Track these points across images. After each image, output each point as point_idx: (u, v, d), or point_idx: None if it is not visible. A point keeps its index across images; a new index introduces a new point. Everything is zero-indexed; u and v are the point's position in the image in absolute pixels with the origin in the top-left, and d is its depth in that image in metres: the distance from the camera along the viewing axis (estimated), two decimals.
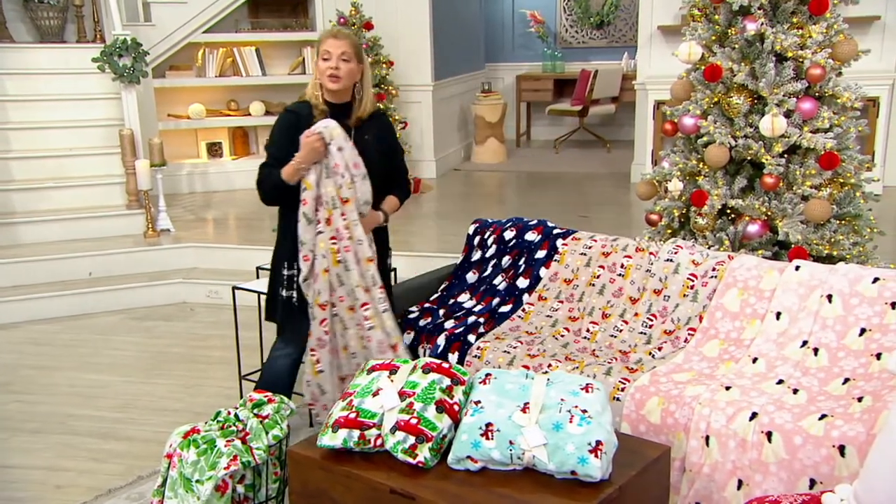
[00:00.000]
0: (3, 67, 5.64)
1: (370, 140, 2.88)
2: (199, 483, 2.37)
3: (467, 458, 2.17)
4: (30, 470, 2.99)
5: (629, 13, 9.01)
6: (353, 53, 2.78)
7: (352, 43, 2.80)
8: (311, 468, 2.31)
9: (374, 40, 6.42)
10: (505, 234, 3.55)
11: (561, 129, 9.14)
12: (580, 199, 6.46)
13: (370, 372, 2.45)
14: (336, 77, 2.75)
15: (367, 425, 2.26)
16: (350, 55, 2.77)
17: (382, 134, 2.97)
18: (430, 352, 3.12)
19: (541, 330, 3.14)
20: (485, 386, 2.32)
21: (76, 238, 5.11)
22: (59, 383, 3.74)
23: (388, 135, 3.01)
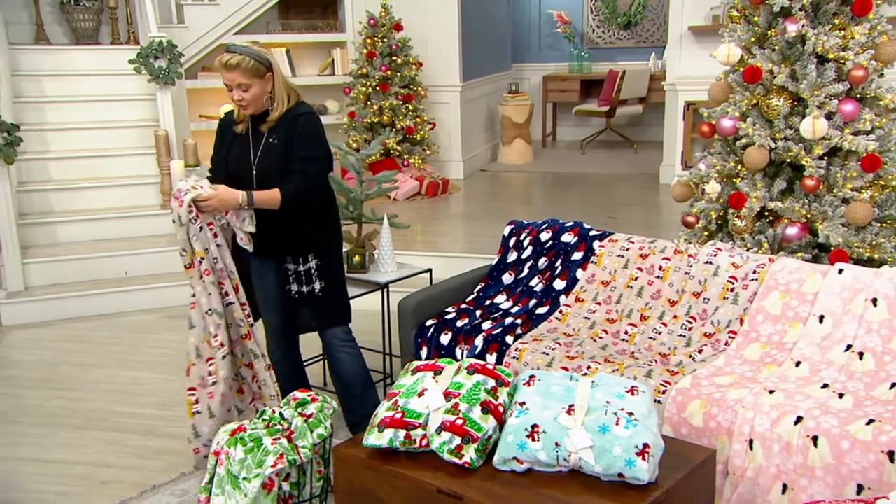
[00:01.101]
0: (40, 69, 5.73)
1: (275, 142, 2.83)
2: (246, 480, 2.41)
3: (513, 460, 2.18)
4: (75, 465, 3.04)
5: (657, 13, 8.97)
6: (250, 76, 2.73)
7: (243, 69, 2.72)
8: (357, 467, 2.33)
9: (404, 41, 6.45)
10: (541, 236, 3.56)
11: (587, 129, 9.11)
12: (608, 200, 6.45)
13: (414, 373, 2.46)
14: (244, 107, 2.81)
15: (412, 425, 2.28)
16: (247, 81, 2.73)
17: (286, 127, 2.83)
18: (468, 353, 3.13)
19: (579, 332, 3.14)
20: (529, 387, 2.33)
21: (111, 237, 5.18)
22: (100, 380, 3.80)
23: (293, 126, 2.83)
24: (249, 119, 2.88)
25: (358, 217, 3.66)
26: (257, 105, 2.80)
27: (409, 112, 6.46)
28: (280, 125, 2.83)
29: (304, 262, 2.95)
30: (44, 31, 6.23)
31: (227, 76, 2.74)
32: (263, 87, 2.77)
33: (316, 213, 2.98)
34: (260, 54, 2.76)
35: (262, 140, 2.85)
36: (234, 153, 2.90)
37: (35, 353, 4.15)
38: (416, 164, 6.56)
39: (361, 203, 3.65)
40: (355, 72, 6.52)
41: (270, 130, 2.85)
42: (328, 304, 3.03)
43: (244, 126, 2.90)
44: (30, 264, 4.75)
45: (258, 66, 2.73)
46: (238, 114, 2.90)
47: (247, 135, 2.90)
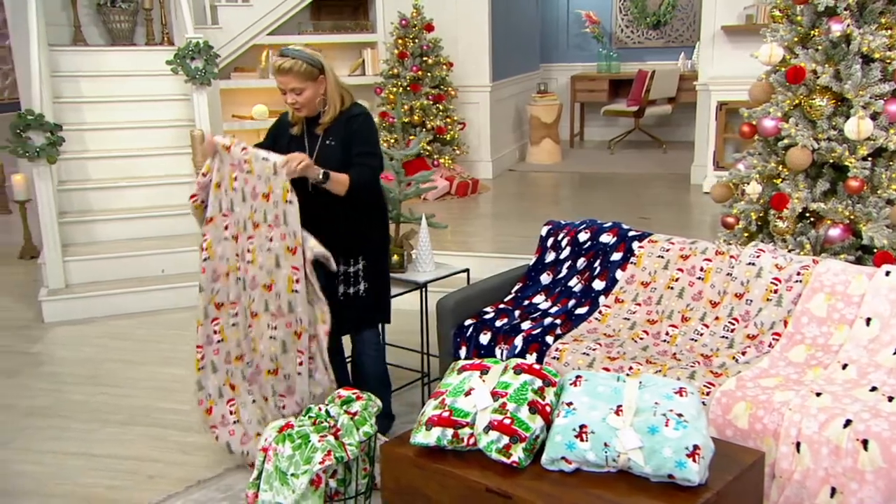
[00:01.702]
0: (79, 70, 5.82)
1: (331, 144, 2.89)
2: (294, 477, 2.44)
3: (562, 459, 2.19)
4: (122, 460, 3.10)
5: (686, 13, 8.91)
6: (303, 79, 2.77)
7: (297, 73, 2.77)
8: (405, 465, 2.36)
9: (435, 42, 6.47)
10: (579, 236, 3.55)
11: (615, 129, 9.08)
12: (638, 201, 6.43)
13: (460, 372, 2.48)
14: (298, 109, 2.86)
15: (460, 424, 2.30)
16: (300, 84, 2.77)
17: (343, 129, 2.89)
18: (508, 352, 3.14)
19: (619, 332, 3.14)
20: (576, 388, 2.34)
21: (148, 236, 5.25)
22: (141, 377, 3.86)
23: (350, 133, 2.89)
24: (305, 121, 2.91)
25: (396, 217, 3.68)
26: (311, 107, 2.85)
27: (440, 112, 6.48)
28: (336, 126, 2.88)
29: (354, 264, 2.98)
30: (81, 33, 6.33)
31: (281, 79, 2.79)
32: (316, 89, 2.81)
33: (368, 214, 3.01)
34: (312, 57, 2.80)
35: (318, 142, 2.90)
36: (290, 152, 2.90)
37: (77, 350, 4.22)
38: (445, 164, 6.58)
39: (400, 203, 3.68)
40: (386, 72, 6.56)
41: (326, 132, 2.90)
42: (368, 305, 3.06)
43: (299, 128, 2.95)
44: (70, 262, 4.83)
45: (311, 70, 2.78)
46: (292, 116, 2.94)
47: (302, 136, 2.94)
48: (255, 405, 2.98)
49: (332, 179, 2.80)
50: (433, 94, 6.46)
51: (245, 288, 2.87)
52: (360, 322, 3.11)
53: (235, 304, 2.95)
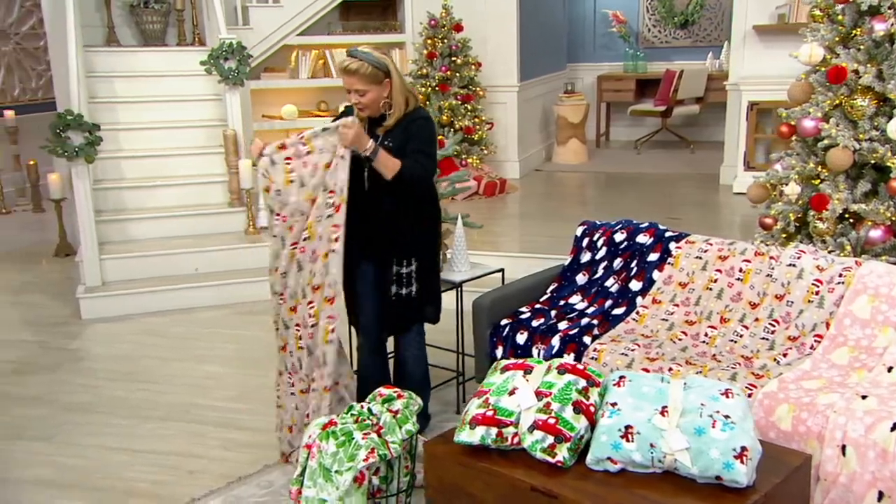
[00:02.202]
0: (113, 70, 5.90)
1: (390, 145, 2.89)
2: (338, 473, 2.46)
3: (607, 460, 2.20)
4: (163, 455, 3.14)
5: (715, 12, 8.85)
6: (367, 82, 2.79)
7: (361, 75, 2.78)
8: (449, 463, 2.37)
9: (464, 42, 6.48)
10: (615, 237, 3.55)
11: (641, 129, 9.04)
12: (667, 201, 6.40)
13: (503, 371, 2.49)
14: (361, 109, 2.88)
15: (504, 423, 2.31)
16: (364, 86, 2.79)
17: (403, 132, 2.90)
18: (545, 352, 3.15)
19: (657, 333, 3.13)
20: (620, 388, 2.34)
21: (180, 235, 5.31)
22: (179, 374, 3.90)
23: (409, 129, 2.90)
24: (367, 121, 2.92)
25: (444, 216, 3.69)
26: (374, 108, 2.86)
27: (468, 112, 6.49)
28: (397, 129, 2.90)
29: (407, 265, 2.99)
30: (114, 34, 6.41)
31: (346, 80, 2.81)
32: (380, 92, 2.82)
33: (421, 215, 3.03)
34: (379, 60, 2.81)
35: (377, 141, 2.89)
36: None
37: (114, 347, 4.28)
38: (473, 163, 6.58)
39: None
40: (415, 72, 6.58)
41: (386, 134, 2.91)
42: (418, 306, 3.08)
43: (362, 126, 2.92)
44: (106, 260, 4.90)
45: (376, 72, 2.79)
46: (357, 114, 2.94)
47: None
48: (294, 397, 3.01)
49: (381, 157, 2.79)
50: (461, 95, 6.47)
51: (301, 268, 2.86)
52: (409, 322, 3.12)
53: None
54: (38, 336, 4.44)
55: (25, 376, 3.91)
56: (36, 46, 7.70)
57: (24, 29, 7.57)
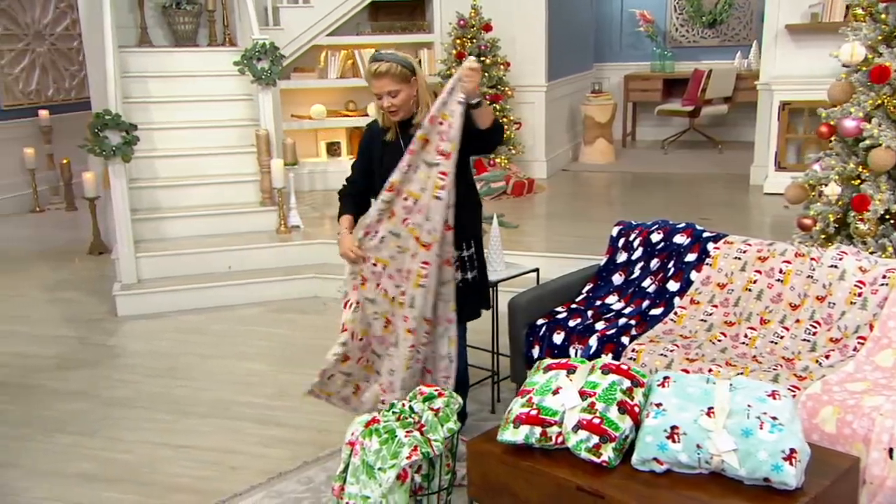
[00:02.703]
0: (146, 70, 5.97)
1: None
2: (381, 471, 2.48)
3: (653, 460, 2.20)
4: (205, 451, 3.18)
5: (743, 11, 8.79)
6: (399, 81, 2.79)
7: (393, 75, 2.79)
8: (493, 462, 2.38)
9: (493, 42, 6.48)
10: (652, 237, 3.54)
11: (667, 129, 9.00)
12: (696, 201, 6.37)
13: (546, 371, 2.50)
14: (394, 112, 2.86)
15: (548, 423, 2.32)
16: (396, 87, 2.79)
17: None
18: (582, 353, 3.15)
19: (696, 334, 3.12)
20: (664, 389, 2.34)
21: (213, 233, 5.36)
22: (217, 370, 3.95)
23: None
24: (398, 126, 2.93)
25: None
26: (406, 109, 2.86)
27: (497, 112, 6.48)
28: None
29: (467, 248, 3.01)
30: (147, 34, 6.50)
31: (377, 84, 2.80)
32: (410, 91, 2.84)
33: (471, 200, 3.04)
34: (405, 59, 2.83)
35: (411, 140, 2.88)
36: (387, 161, 2.92)
37: (151, 343, 4.34)
38: (501, 163, 6.58)
39: None
40: (443, 72, 6.59)
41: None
42: (482, 291, 3.09)
43: (393, 133, 2.95)
44: (141, 258, 4.96)
45: (405, 71, 2.81)
46: (384, 121, 2.95)
47: (397, 141, 2.94)
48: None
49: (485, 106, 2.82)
50: (490, 94, 6.47)
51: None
52: (476, 307, 3.12)
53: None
54: (76, 332, 4.51)
55: (67, 371, 3.97)
56: (69, 47, 7.82)
57: (58, 30, 7.68)
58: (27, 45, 7.40)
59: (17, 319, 4.71)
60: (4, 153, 7.21)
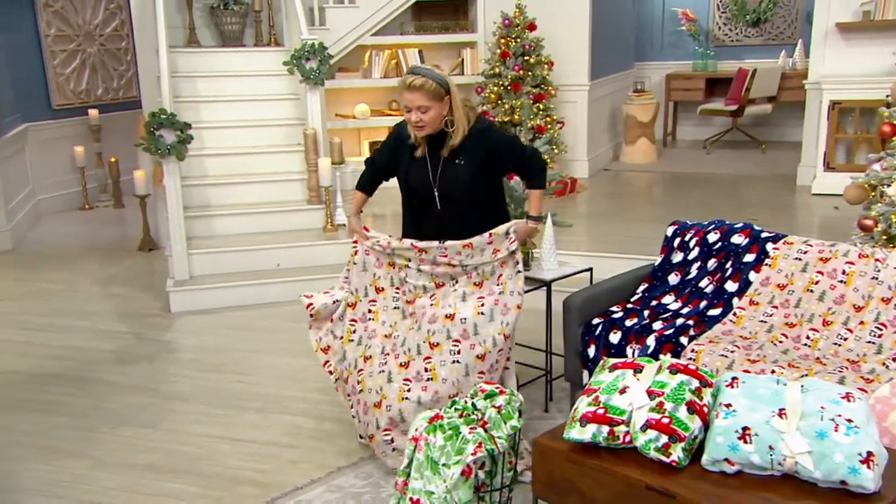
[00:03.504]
0: (194, 70, 6.07)
1: (461, 163, 2.91)
2: (445, 467, 2.50)
3: (724, 461, 2.19)
4: (263, 445, 3.23)
5: (788, 10, 8.66)
6: (430, 98, 2.80)
7: (426, 91, 2.79)
8: (559, 460, 2.39)
9: (537, 41, 6.48)
10: (708, 237, 3.51)
11: (708, 129, 8.90)
12: (742, 201, 6.30)
13: (612, 370, 2.50)
14: (420, 128, 2.87)
15: (616, 422, 2.31)
16: (427, 104, 2.80)
17: (477, 146, 2.92)
18: (640, 352, 3.14)
19: (756, 335, 3.09)
20: (733, 389, 2.32)
21: (262, 231, 5.43)
22: (269, 366, 4.00)
23: (486, 142, 2.93)
24: (426, 143, 2.94)
25: (521, 215, 3.71)
26: (433, 126, 2.87)
27: (540, 111, 6.48)
28: (468, 144, 2.90)
29: None
30: (195, 35, 6.60)
31: (409, 97, 2.82)
32: (441, 109, 2.84)
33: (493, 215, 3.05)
34: (441, 77, 2.85)
35: (441, 163, 2.93)
36: (413, 172, 2.99)
37: (205, 339, 4.41)
38: None
39: (524, 202, 3.71)
40: (487, 71, 6.60)
41: (454, 153, 2.91)
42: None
43: (423, 151, 2.96)
44: (193, 255, 5.04)
45: (438, 89, 2.82)
46: (414, 137, 2.95)
47: (424, 158, 2.96)
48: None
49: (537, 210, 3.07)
50: (534, 94, 6.47)
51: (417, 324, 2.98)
52: None
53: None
54: (132, 328, 4.60)
55: (125, 366, 4.06)
56: (118, 47, 7.96)
57: (107, 30, 7.84)
58: (78, 46, 7.56)
59: (73, 314, 4.82)
60: (56, 152, 7.38)
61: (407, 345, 2.96)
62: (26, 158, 7.04)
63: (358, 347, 3.05)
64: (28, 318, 4.77)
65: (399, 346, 2.98)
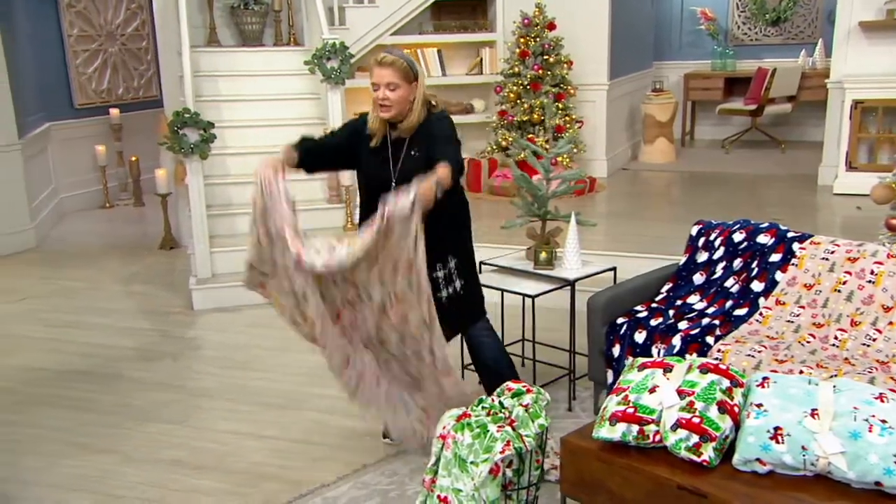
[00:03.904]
0: (215, 69, 6.09)
1: (416, 154, 2.86)
2: (473, 465, 2.50)
3: (756, 461, 2.18)
4: (289, 442, 3.26)
5: (808, 9, 8.60)
6: (401, 78, 2.78)
7: (397, 69, 2.78)
8: (588, 459, 2.39)
9: (556, 40, 6.47)
10: (734, 237, 3.50)
11: (726, 128, 8.86)
12: (763, 201, 6.26)
13: (641, 369, 2.49)
14: (385, 107, 2.81)
15: (646, 421, 2.31)
16: (397, 82, 2.78)
17: (427, 136, 2.87)
18: (665, 352, 3.13)
19: (783, 335, 3.08)
20: (764, 389, 2.32)
21: None
22: (292, 364, 4.02)
23: (432, 134, 2.86)
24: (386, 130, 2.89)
25: (544, 214, 3.72)
26: (399, 108, 2.82)
27: (559, 111, 6.47)
28: (419, 135, 2.87)
29: (445, 266, 2.97)
30: (215, 34, 6.63)
31: (380, 73, 2.79)
32: (409, 92, 2.82)
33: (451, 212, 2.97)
34: (412, 61, 2.87)
35: (402, 152, 2.89)
36: (371, 166, 2.95)
37: (228, 336, 4.44)
38: (563, 162, 6.56)
39: (547, 200, 3.71)
40: (506, 71, 6.60)
41: (411, 142, 2.87)
42: (470, 301, 3.07)
43: (378, 140, 2.91)
44: (215, 253, 5.07)
45: (408, 70, 2.82)
46: (373, 123, 2.91)
47: (384, 147, 2.92)
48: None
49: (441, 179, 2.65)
50: (553, 93, 6.46)
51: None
52: (467, 318, 3.11)
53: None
54: (155, 325, 4.64)
55: (150, 362, 4.09)
56: (139, 47, 8.03)
57: (129, 30, 7.90)
58: (100, 46, 7.62)
59: (96, 311, 4.87)
60: (78, 151, 7.45)
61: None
62: (49, 157, 7.11)
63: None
64: (54, 316, 4.82)
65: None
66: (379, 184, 2.90)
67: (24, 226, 6.29)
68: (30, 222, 6.34)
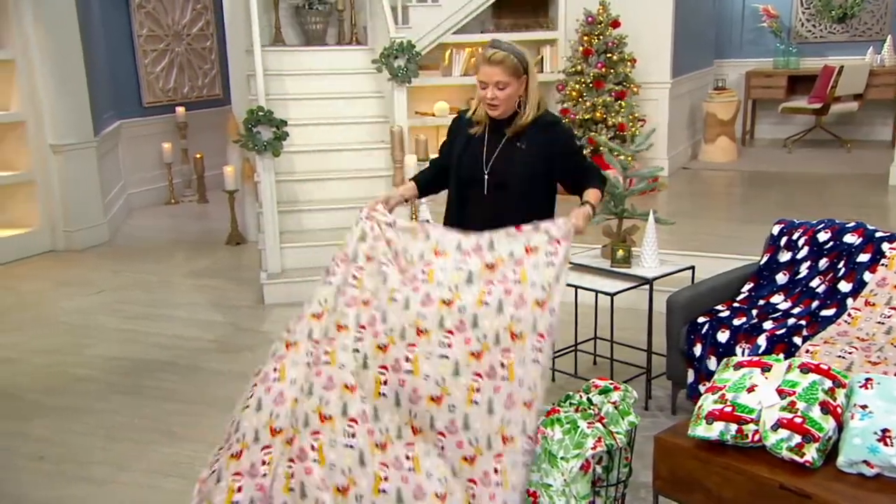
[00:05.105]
0: (281, 68, 6.20)
1: (522, 147, 2.75)
2: (564, 460, 2.51)
3: (862, 463, 2.14)
4: None
5: (877, 5, 8.38)
6: (509, 74, 2.64)
7: (507, 66, 2.64)
8: (683, 457, 2.38)
9: (620, 38, 6.42)
10: (818, 236, 3.44)
11: (787, 127, 8.68)
12: (832, 201, 6.13)
13: (737, 368, 2.47)
14: (494, 106, 2.69)
15: (745, 420, 2.29)
16: (506, 80, 2.64)
17: (541, 136, 2.76)
18: (750, 352, 3.09)
19: (874, 336, 3.01)
20: (868, 390, 2.28)
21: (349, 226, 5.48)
22: None
23: (551, 135, 2.78)
24: (488, 122, 2.78)
25: (620, 212, 3.70)
26: (507, 106, 2.70)
27: (622, 109, 6.42)
28: (531, 131, 2.74)
29: None
30: (280, 34, 6.73)
31: (488, 71, 2.65)
32: (518, 88, 2.68)
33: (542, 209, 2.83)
34: (522, 54, 2.70)
35: (501, 143, 2.76)
36: (466, 153, 2.83)
37: None
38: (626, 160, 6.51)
39: (625, 198, 3.70)
40: (569, 69, 6.57)
41: (516, 136, 2.75)
42: None
43: (480, 128, 2.80)
44: (285, 249, 5.16)
45: (518, 66, 2.66)
46: (476, 113, 2.81)
47: (482, 137, 2.80)
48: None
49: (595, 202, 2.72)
50: (616, 91, 6.41)
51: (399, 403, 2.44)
52: None
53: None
54: (228, 318, 4.73)
55: (228, 354, 4.18)
56: (203, 47, 8.20)
57: (194, 30, 8.08)
58: (167, 46, 7.81)
59: (170, 304, 4.99)
60: (146, 148, 7.65)
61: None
62: (119, 154, 7.32)
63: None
64: (129, 307, 4.96)
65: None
66: (469, 173, 2.81)
67: (98, 221, 6.48)
68: (103, 217, 6.53)
